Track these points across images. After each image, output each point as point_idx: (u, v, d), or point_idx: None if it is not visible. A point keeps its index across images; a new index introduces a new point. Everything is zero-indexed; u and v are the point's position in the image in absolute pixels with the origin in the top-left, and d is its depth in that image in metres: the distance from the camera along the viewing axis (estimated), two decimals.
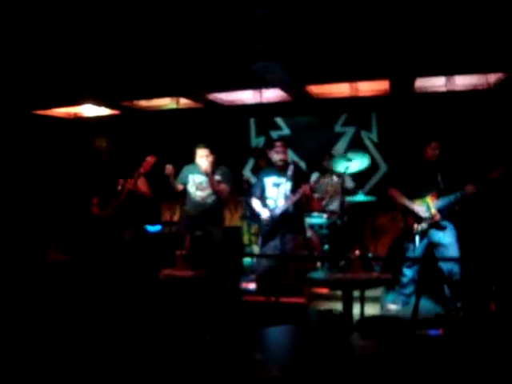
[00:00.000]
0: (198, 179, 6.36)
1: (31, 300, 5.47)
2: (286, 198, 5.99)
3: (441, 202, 5.74)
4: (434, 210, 5.76)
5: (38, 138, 7.84)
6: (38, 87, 6.51)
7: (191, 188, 6.37)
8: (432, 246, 5.86)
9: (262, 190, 6.27)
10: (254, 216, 6.66)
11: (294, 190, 5.97)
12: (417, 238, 5.90)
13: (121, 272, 5.86)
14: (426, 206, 5.83)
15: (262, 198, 6.25)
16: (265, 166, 6.85)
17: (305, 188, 5.86)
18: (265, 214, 6.10)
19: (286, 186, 6.04)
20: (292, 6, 4.57)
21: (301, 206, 6.18)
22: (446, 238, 5.76)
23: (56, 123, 8.10)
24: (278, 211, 6.02)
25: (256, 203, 6.29)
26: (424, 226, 5.83)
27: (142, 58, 5.72)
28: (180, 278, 5.62)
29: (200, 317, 4.96)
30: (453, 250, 5.72)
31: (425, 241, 5.89)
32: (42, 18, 4.89)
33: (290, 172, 5.99)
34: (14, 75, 6.10)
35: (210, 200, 6.33)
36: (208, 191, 6.31)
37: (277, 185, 6.16)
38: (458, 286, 5.67)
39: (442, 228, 5.76)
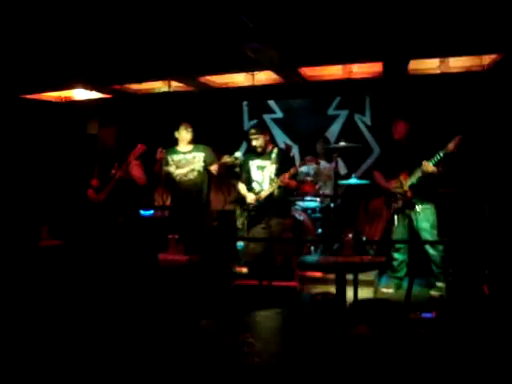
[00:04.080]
0: (176, 157, 6.47)
1: (24, 285, 5.45)
2: (271, 181, 6.02)
3: (414, 178, 5.75)
4: (406, 188, 5.80)
5: (28, 122, 7.77)
6: (27, 71, 6.43)
7: (171, 168, 6.43)
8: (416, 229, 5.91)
9: (248, 174, 6.28)
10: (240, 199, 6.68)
11: (278, 174, 5.97)
12: (395, 218, 5.96)
13: (114, 257, 5.85)
14: (399, 184, 5.87)
15: (248, 182, 6.27)
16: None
17: (283, 179, 5.85)
18: (250, 197, 6.13)
19: (270, 168, 6.08)
20: None
21: (286, 190, 6.18)
22: (421, 223, 5.81)
23: (46, 107, 8.01)
24: (263, 194, 6.04)
25: (242, 187, 6.32)
26: (399, 204, 5.88)
27: (133, 40, 5.63)
28: (172, 262, 5.62)
29: (193, 301, 4.95)
30: (427, 234, 5.76)
31: (404, 222, 5.92)
32: (30, 2, 4.80)
33: (273, 155, 6.03)
34: (2, 59, 6.01)
35: (191, 176, 6.39)
36: (187, 168, 6.40)
37: (261, 168, 6.18)
38: (440, 269, 5.73)
39: (413, 206, 5.79)
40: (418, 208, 5.82)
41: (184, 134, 6.44)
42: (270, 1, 4.51)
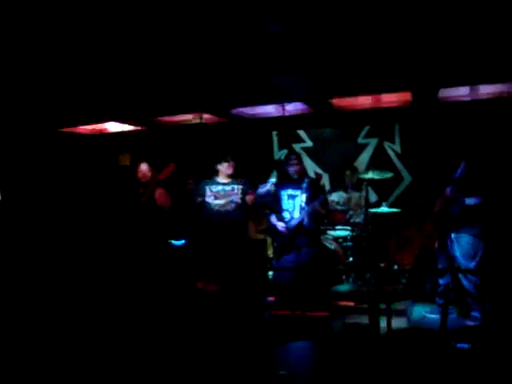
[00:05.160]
0: (214, 188, 6.50)
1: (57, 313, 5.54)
2: (302, 209, 6.06)
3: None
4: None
5: (64, 154, 7.99)
6: (65, 106, 6.64)
7: (209, 199, 6.48)
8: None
9: (278, 203, 6.34)
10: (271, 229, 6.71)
11: (309, 202, 6.02)
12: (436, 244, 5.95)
13: (144, 286, 5.93)
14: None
15: (279, 211, 6.32)
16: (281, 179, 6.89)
17: (313, 207, 5.94)
18: (280, 226, 6.18)
19: (301, 197, 6.13)
20: (314, 20, 4.60)
21: (316, 219, 6.22)
22: (454, 251, 5.74)
23: (81, 140, 8.23)
24: (293, 223, 6.09)
25: (272, 216, 6.38)
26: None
27: (166, 74, 5.78)
28: (204, 291, 5.67)
29: (225, 330, 4.97)
30: (459, 263, 5.69)
31: (444, 249, 5.87)
32: (66, 40, 4.99)
33: (305, 184, 6.09)
34: (42, 95, 6.24)
35: (229, 207, 6.43)
36: (226, 199, 6.44)
37: (292, 197, 6.24)
38: (474, 299, 5.63)
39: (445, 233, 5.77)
40: (453, 235, 5.77)
41: (226, 167, 6.52)
42: (301, 35, 4.61)
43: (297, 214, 6.15)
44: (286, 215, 6.27)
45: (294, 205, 6.22)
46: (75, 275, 6.64)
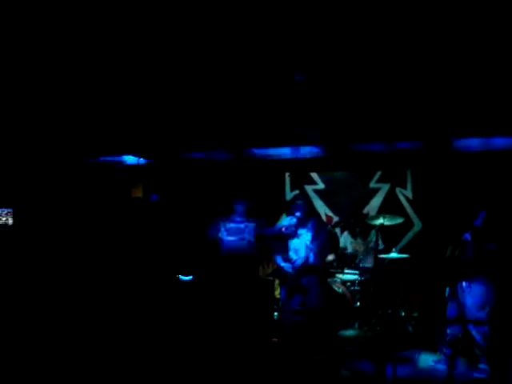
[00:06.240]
0: (228, 225, 6.61)
1: None
2: (307, 248, 6.11)
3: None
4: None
5: (79, 184, 8.10)
6: (84, 139, 6.79)
7: (222, 235, 6.58)
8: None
9: (285, 242, 6.38)
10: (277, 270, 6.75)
11: (314, 241, 6.08)
12: (447, 292, 5.91)
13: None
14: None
15: (285, 251, 6.37)
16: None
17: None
18: (287, 267, 6.22)
19: (306, 236, 6.19)
20: (329, 69, 4.71)
21: (322, 256, 6.27)
22: (465, 300, 5.69)
23: (98, 170, 8.35)
24: (298, 262, 6.14)
25: (278, 258, 6.42)
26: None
27: (184, 113, 5.90)
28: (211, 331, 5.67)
29: (230, 371, 4.95)
30: (470, 313, 5.63)
31: (454, 297, 5.83)
32: (83, 76, 5.13)
33: (310, 224, 6.17)
34: (63, 129, 6.39)
35: (240, 243, 6.52)
36: (238, 236, 6.53)
37: (298, 236, 6.29)
38: (482, 351, 5.55)
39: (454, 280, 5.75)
40: (464, 284, 5.74)
41: (240, 206, 6.64)
42: (320, 85, 4.72)
43: (302, 253, 6.20)
44: (292, 255, 6.31)
45: (300, 244, 6.27)
46: (84, 307, 6.67)
